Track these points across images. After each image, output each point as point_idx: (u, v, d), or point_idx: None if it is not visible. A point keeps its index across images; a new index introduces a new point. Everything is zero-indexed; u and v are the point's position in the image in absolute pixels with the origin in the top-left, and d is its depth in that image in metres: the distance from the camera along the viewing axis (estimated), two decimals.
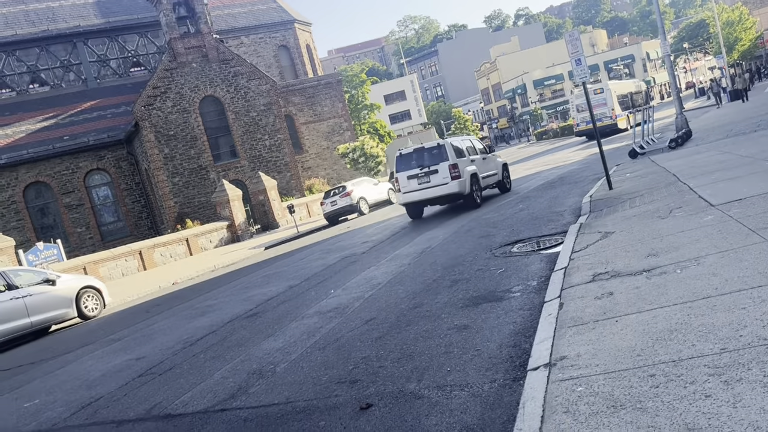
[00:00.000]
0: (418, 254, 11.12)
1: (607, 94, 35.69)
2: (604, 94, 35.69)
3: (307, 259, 15.47)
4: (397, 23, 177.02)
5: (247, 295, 11.84)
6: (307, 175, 42.97)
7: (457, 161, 15.98)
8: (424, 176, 16.18)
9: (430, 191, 16.17)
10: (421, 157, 16.49)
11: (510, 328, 5.59)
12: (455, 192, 15.90)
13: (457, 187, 15.79)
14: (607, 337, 4.31)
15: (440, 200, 16.66)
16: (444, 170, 15.87)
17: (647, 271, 5.58)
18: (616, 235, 7.61)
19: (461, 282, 7.92)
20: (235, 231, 30.92)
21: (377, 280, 9.60)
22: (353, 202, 27.11)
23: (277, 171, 37.50)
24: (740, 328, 3.76)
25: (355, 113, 57.73)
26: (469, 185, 16.09)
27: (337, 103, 46.00)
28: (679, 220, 7.34)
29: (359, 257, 12.96)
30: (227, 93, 36.49)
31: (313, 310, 8.63)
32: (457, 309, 6.67)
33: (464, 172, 16.02)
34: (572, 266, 6.71)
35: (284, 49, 49.10)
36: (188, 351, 8.08)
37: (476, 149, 17.78)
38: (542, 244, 9.18)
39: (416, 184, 16.39)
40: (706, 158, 12.42)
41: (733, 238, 5.79)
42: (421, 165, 16.32)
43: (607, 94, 35.72)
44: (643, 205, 9.24)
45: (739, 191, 7.84)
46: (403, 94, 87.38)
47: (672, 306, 4.50)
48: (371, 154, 38.12)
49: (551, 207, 12.76)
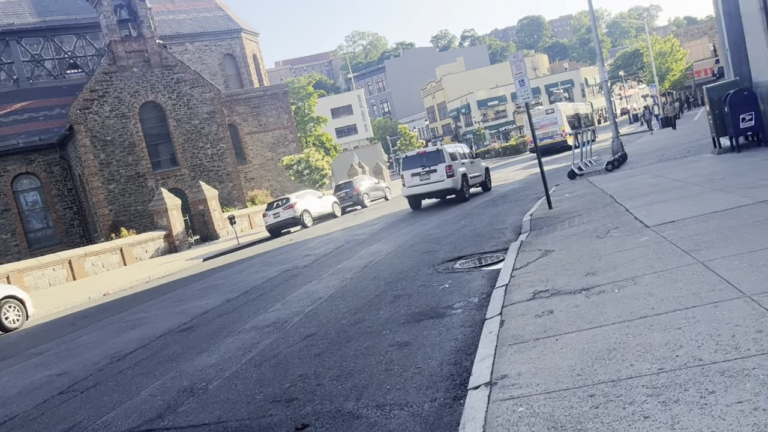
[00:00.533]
0: (362, 268, 11.00)
1: (558, 114, 39.33)
2: (556, 114, 39.44)
3: (247, 271, 15.10)
4: (346, 38, 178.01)
5: (182, 308, 11.41)
6: (249, 185, 42.23)
7: (452, 163, 19.49)
8: (425, 174, 19.72)
9: (429, 186, 19.70)
10: (423, 159, 20.12)
11: (451, 345, 5.52)
12: (450, 188, 19.43)
13: (451, 183, 19.31)
14: (547, 356, 4.29)
15: (437, 194, 20.14)
16: (441, 170, 19.35)
17: (586, 290, 5.64)
18: (555, 254, 7.71)
19: (403, 297, 7.84)
20: (173, 241, 29.98)
21: (318, 295, 9.41)
22: (296, 215, 26.77)
23: (218, 181, 36.69)
24: (676, 348, 3.81)
25: (301, 125, 57.30)
26: (460, 182, 19.59)
27: (283, 114, 45.56)
28: (616, 240, 7.50)
29: (301, 271, 12.73)
30: (169, 99, 35.53)
31: (251, 325, 8.36)
32: (399, 325, 6.57)
33: (457, 172, 19.52)
34: (513, 283, 6.73)
35: (230, 57, 48.34)
36: (115, 367, 7.67)
37: (465, 155, 21.44)
38: (484, 260, 9.23)
39: (418, 180, 19.90)
40: (640, 181, 12.84)
41: (668, 258, 5.93)
42: (422, 165, 19.83)
43: (557, 114, 39.39)
44: (581, 224, 9.43)
45: (672, 213, 8.09)
46: (350, 109, 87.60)
47: (611, 325, 4.54)
48: (316, 166, 37.84)
49: (493, 224, 12.90)
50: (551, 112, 39.98)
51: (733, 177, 10.02)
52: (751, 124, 12.82)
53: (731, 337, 3.73)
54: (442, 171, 19.36)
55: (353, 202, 31.54)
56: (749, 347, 3.53)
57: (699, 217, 7.44)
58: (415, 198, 20.76)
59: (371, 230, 17.64)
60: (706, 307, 4.35)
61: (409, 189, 20.36)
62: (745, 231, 6.17)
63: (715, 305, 4.35)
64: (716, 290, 4.64)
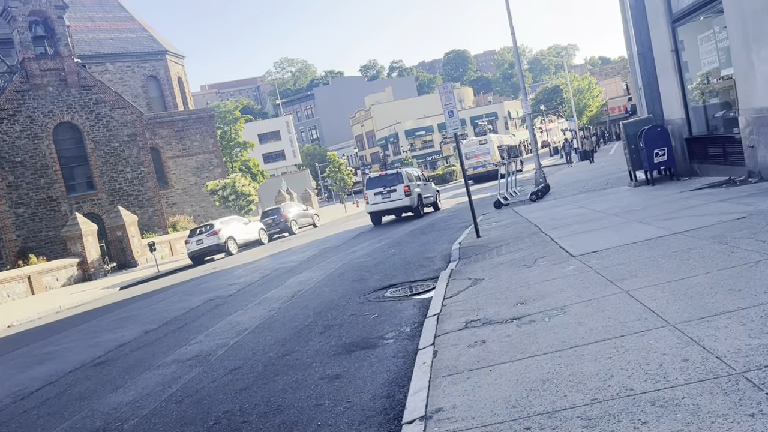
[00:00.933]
0: (290, 298, 10.72)
1: (490, 145, 43.67)
2: (488, 144, 43.83)
3: (168, 301, 14.43)
4: (274, 64, 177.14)
5: (96, 341, 10.71)
6: (172, 211, 40.86)
7: (409, 184, 22.45)
8: (386, 193, 22.46)
9: (390, 204, 22.53)
10: (384, 180, 22.81)
11: (384, 377, 5.39)
12: (407, 205, 22.34)
13: (409, 201, 22.22)
14: (482, 387, 4.24)
15: (396, 211, 22.93)
16: (400, 189, 22.23)
17: (517, 319, 5.66)
18: (485, 282, 7.76)
19: (334, 328, 7.65)
20: (88, 269, 28.41)
21: (244, 326, 9.06)
22: (221, 242, 26.04)
23: (138, 206, 35.29)
24: (608, 378, 3.84)
25: (227, 150, 56.24)
26: (416, 201, 22.52)
27: (208, 138, 44.60)
28: (544, 269, 7.64)
29: (225, 300, 12.28)
30: (87, 121, 34.05)
31: (171, 358, 7.91)
32: (330, 357, 6.38)
33: (413, 192, 22.48)
34: (445, 312, 6.70)
35: (154, 79, 47.05)
36: (19, 406, 7.04)
37: (420, 177, 24.64)
38: (415, 289, 9.19)
39: (380, 199, 22.59)
40: (564, 211, 13.28)
41: (594, 288, 6.07)
42: (384, 185, 22.55)
43: (490, 144, 43.73)
44: (509, 253, 9.59)
45: (596, 243, 8.35)
46: (278, 134, 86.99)
47: (543, 355, 4.55)
48: (243, 192, 37.06)
49: (423, 252, 12.95)
50: (484, 143, 43.99)
51: (649, 209, 10.50)
52: (664, 159, 13.56)
53: (659, 366, 3.80)
54: (401, 191, 22.15)
55: (281, 229, 31.06)
56: (677, 376, 3.60)
57: (621, 247, 7.71)
58: (376, 214, 23.25)
59: (300, 258, 17.35)
60: (633, 336, 4.44)
61: (372, 206, 22.89)
62: (664, 261, 6.41)
63: (642, 334, 4.44)
64: (642, 319, 4.76)
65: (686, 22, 13.04)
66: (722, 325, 4.20)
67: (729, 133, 12.12)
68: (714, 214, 8.36)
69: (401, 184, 22.22)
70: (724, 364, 3.59)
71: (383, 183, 22.64)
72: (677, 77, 13.66)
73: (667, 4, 13.42)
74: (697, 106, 13.58)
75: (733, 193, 9.84)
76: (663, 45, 13.90)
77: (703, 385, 3.40)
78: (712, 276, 5.42)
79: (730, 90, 11.70)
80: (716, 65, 12.31)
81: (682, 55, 13.61)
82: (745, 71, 10.60)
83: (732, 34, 10.85)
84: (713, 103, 13.03)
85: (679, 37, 13.51)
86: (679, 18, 13.14)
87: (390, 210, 22.88)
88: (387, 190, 22.40)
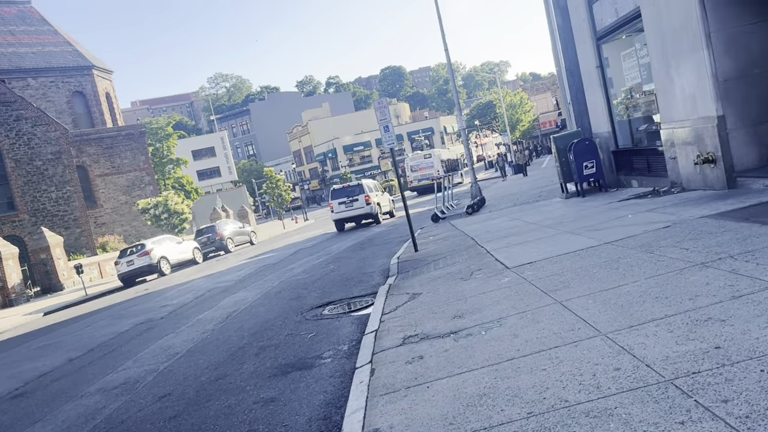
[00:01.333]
0: (224, 319, 10.38)
1: (435, 159, 46.28)
2: (433, 158, 46.33)
3: (95, 326, 13.74)
4: (208, 79, 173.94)
5: (14, 371, 10.04)
6: (101, 231, 39.23)
7: (370, 194, 25.09)
8: (349, 202, 24.94)
9: (352, 211, 25.02)
10: (348, 190, 25.37)
11: (320, 399, 5.24)
12: (368, 212, 24.93)
13: (369, 209, 24.87)
14: (419, 405, 4.16)
15: (357, 218, 25.39)
16: (362, 199, 24.85)
17: (454, 333, 5.64)
18: (423, 297, 7.73)
19: (270, 348, 7.43)
20: (8, 294, 26.81)
21: (175, 349, 8.69)
22: (153, 262, 25.14)
23: (64, 227, 33.71)
24: (543, 390, 3.83)
25: (160, 167, 54.58)
26: (375, 209, 25.27)
27: (139, 155, 43.19)
28: (480, 281, 7.68)
29: (156, 323, 11.78)
30: (6, 138, 32.37)
31: (96, 387, 7.48)
32: (265, 379, 6.17)
33: (373, 201, 25.08)
34: (383, 329, 6.61)
35: (80, 95, 45.28)
36: None
37: (378, 188, 27.85)
38: (353, 305, 9.07)
39: (344, 207, 25.05)
40: (499, 224, 13.49)
41: (529, 299, 6.13)
42: (347, 195, 25.07)
43: (434, 158, 46.34)
44: (446, 266, 9.62)
45: (530, 255, 8.48)
46: (213, 151, 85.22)
47: (480, 369, 4.52)
48: (176, 210, 35.97)
49: (361, 268, 12.85)
50: (429, 157, 46.75)
51: (580, 220, 10.79)
52: (593, 171, 14.01)
53: (592, 376, 3.83)
54: (362, 200, 24.77)
55: (216, 248, 30.31)
56: (609, 386, 3.62)
57: (554, 258, 7.85)
58: (340, 221, 25.67)
59: (235, 277, 16.92)
60: (567, 347, 4.47)
61: (337, 214, 25.34)
62: (595, 271, 6.55)
63: (575, 344, 4.48)
64: (575, 329, 4.81)
65: (609, 40, 13.59)
66: (651, 333, 4.29)
67: (652, 145, 12.65)
68: (641, 224, 8.65)
69: (363, 194, 24.81)
70: (654, 372, 3.65)
71: (346, 194, 25.14)
72: (603, 92, 14.19)
73: (591, 22, 13.96)
74: (622, 120, 14.13)
75: (658, 203, 10.24)
76: (589, 61, 14.43)
77: (634, 393, 3.43)
78: (640, 284, 5.56)
79: (652, 104, 12.23)
80: (638, 81, 12.86)
81: (607, 71, 14.16)
82: (664, 86, 11.10)
83: (652, 51, 11.36)
84: (637, 116, 13.59)
85: (604, 53, 14.06)
86: (603, 35, 13.68)
87: (352, 217, 25.23)
88: (350, 200, 24.85)
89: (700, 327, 4.16)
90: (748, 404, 2.97)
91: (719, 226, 7.17)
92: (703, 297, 4.76)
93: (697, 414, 3.02)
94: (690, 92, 10.27)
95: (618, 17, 12.66)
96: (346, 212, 25.11)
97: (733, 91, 9.62)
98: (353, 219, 25.50)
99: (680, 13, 10.00)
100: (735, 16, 9.52)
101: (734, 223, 7.09)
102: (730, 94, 9.62)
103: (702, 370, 3.49)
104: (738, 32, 9.53)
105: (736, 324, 4.05)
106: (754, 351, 3.57)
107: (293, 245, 24.23)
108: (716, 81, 9.60)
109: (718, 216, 7.77)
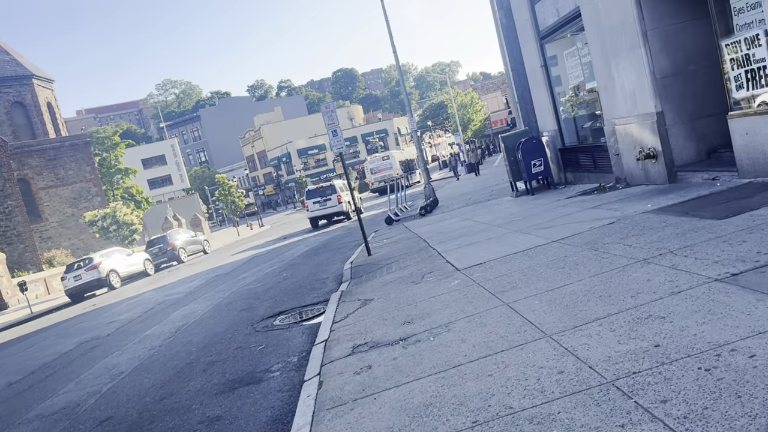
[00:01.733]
0: (172, 333, 10.08)
1: (393, 160, 47.45)
2: (391, 160, 47.52)
3: (38, 346, 13.18)
4: (156, 86, 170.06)
5: None
6: (46, 246, 37.83)
7: (341, 194, 26.99)
8: (323, 201, 26.99)
9: (326, 210, 27.11)
10: (321, 191, 27.37)
11: (267, 415, 5.09)
12: (340, 210, 27.00)
13: (342, 207, 26.90)
14: (365, 418, 4.06)
15: (330, 216, 27.43)
16: (334, 198, 26.85)
17: (403, 340, 5.56)
18: (374, 303, 7.65)
19: (217, 364, 7.22)
20: None
21: (120, 369, 8.37)
22: (102, 276, 24.34)
23: (6, 243, 32.41)
24: (488, 397, 3.79)
25: (107, 177, 52.97)
26: (346, 207, 27.10)
27: (85, 166, 41.86)
28: (431, 285, 7.64)
29: (102, 341, 11.36)
30: None
31: (34, 413, 7.13)
32: (211, 396, 5.98)
33: (344, 200, 26.92)
34: (333, 338, 6.50)
35: (20, 105, 43.59)
36: None
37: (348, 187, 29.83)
38: (305, 314, 8.91)
39: (318, 206, 27.11)
40: (451, 225, 13.52)
41: (477, 302, 6.10)
42: (321, 195, 27.11)
43: (392, 159, 47.54)
44: (399, 270, 9.56)
45: (480, 256, 8.49)
46: (164, 159, 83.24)
47: (427, 377, 4.45)
48: (125, 221, 34.94)
49: (315, 274, 12.68)
50: (387, 159, 48.05)
51: (529, 218, 10.89)
52: (541, 170, 14.19)
53: (537, 381, 3.80)
54: (335, 199, 26.80)
55: (168, 258, 29.57)
56: (553, 390, 3.60)
57: (503, 258, 7.87)
58: (315, 219, 27.68)
59: (187, 288, 16.51)
60: (513, 351, 4.45)
61: (312, 212, 27.45)
62: (542, 270, 6.58)
63: (521, 348, 4.46)
64: (521, 332, 4.79)
65: (553, 39, 13.79)
66: (594, 333, 4.30)
67: (597, 142, 12.89)
68: (586, 221, 8.76)
69: (335, 194, 26.87)
70: (596, 373, 3.64)
71: (320, 194, 27.28)
72: (548, 91, 14.39)
73: (534, 21, 14.14)
74: (568, 117, 14.37)
75: (604, 200, 10.41)
76: (533, 61, 14.62)
77: (577, 397, 3.41)
78: (585, 283, 5.60)
79: (596, 102, 12.46)
80: (582, 79, 13.08)
81: (552, 70, 14.37)
82: (606, 84, 11.32)
83: (593, 50, 11.56)
84: (582, 114, 13.83)
85: (549, 53, 14.26)
86: (546, 35, 13.88)
87: (326, 215, 27.40)
88: (324, 199, 26.96)
89: (641, 325, 4.19)
90: (686, 404, 2.98)
91: (660, 221, 7.31)
92: (645, 294, 4.81)
93: (636, 416, 3.01)
94: (630, 89, 10.48)
95: (559, 17, 12.85)
96: (320, 210, 27.10)
97: (670, 88, 9.86)
98: (326, 216, 27.46)
99: (618, 12, 10.20)
100: (670, 14, 9.76)
101: (675, 218, 7.24)
102: (668, 90, 9.86)
103: (642, 370, 3.50)
104: (674, 30, 9.77)
105: (675, 321, 4.09)
106: (692, 348, 3.60)
107: (246, 252, 23.84)
108: (654, 78, 9.83)
109: (660, 211, 7.93)
